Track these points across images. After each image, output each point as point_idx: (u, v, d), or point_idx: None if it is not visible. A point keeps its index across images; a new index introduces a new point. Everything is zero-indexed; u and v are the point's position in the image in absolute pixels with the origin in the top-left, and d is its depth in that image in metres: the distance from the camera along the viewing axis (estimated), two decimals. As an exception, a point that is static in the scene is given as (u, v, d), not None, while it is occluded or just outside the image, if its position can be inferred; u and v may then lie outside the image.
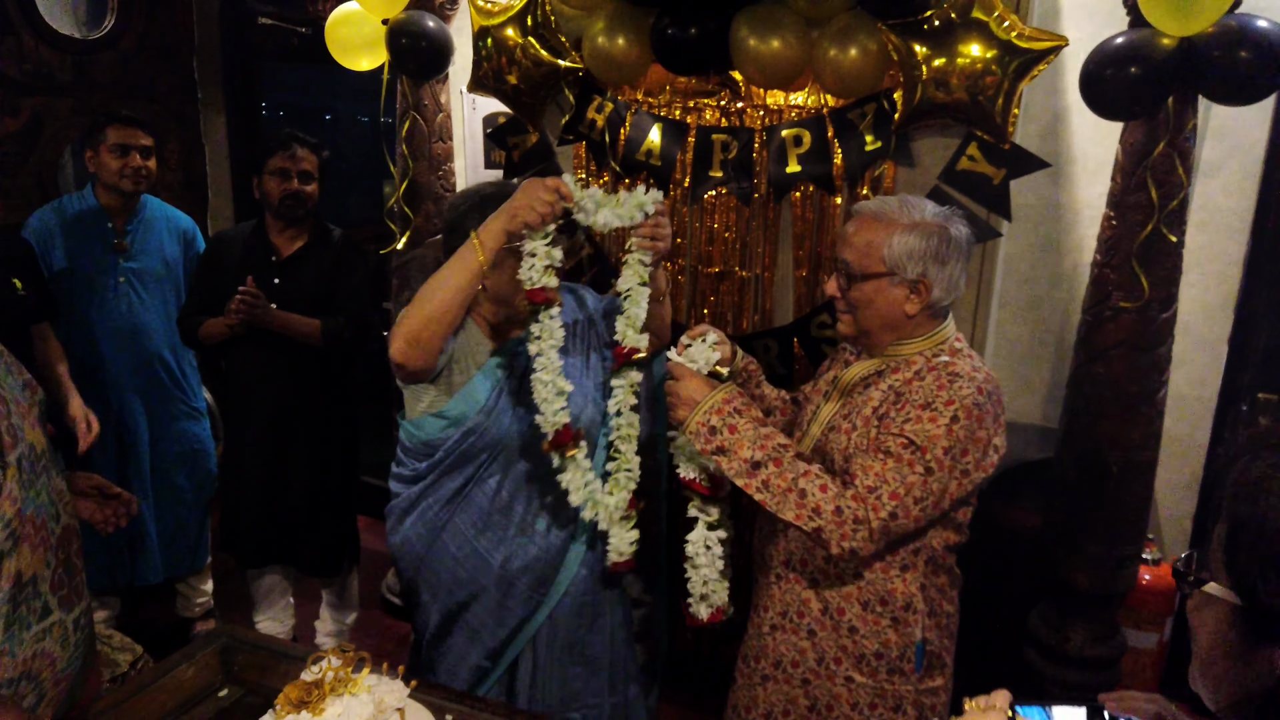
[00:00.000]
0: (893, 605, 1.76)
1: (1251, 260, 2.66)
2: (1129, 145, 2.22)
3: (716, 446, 1.67)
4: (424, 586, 2.08)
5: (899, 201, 1.74)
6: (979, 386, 1.65)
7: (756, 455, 1.64)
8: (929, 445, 1.61)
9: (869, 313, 1.75)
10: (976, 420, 1.63)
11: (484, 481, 2.02)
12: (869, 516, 1.60)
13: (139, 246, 3.09)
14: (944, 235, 1.69)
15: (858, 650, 1.78)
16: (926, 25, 2.21)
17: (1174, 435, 2.69)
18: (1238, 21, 2.00)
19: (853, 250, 1.74)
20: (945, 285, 1.71)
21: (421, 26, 2.78)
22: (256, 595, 3.16)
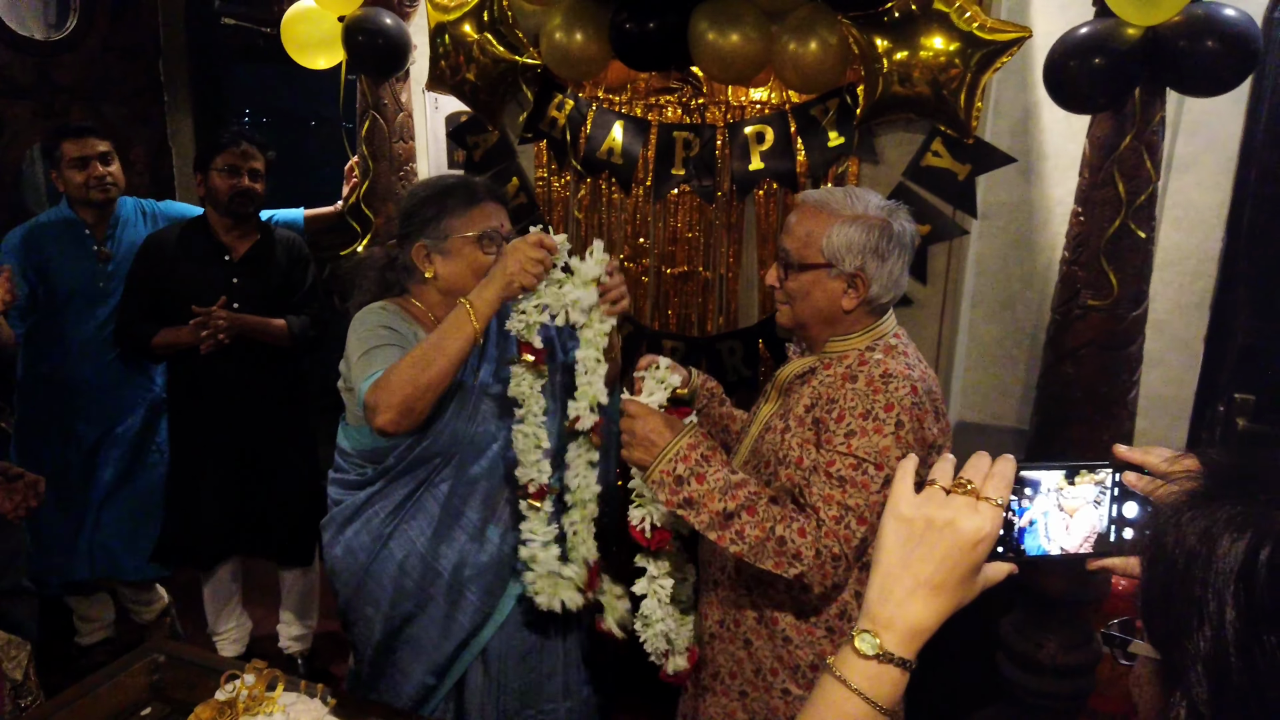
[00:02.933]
0: (826, 614, 1.70)
1: (1227, 257, 2.60)
2: (1096, 139, 2.16)
3: (684, 499, 1.59)
4: (366, 600, 2.00)
5: (844, 193, 1.70)
6: (913, 385, 1.59)
7: (729, 506, 1.56)
8: (883, 460, 1.55)
9: (805, 304, 1.70)
10: (919, 420, 1.58)
11: (436, 486, 1.95)
12: (844, 551, 1.55)
13: (123, 253, 3.02)
14: (885, 230, 1.64)
15: (793, 661, 1.72)
16: (887, 17, 2.16)
17: (1151, 436, 2.63)
18: (1204, 10, 1.95)
19: (793, 239, 1.69)
20: (884, 282, 1.65)
21: (378, 24, 2.72)
22: (212, 604, 3.10)
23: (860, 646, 0.82)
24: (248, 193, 2.84)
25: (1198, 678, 0.63)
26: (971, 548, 0.82)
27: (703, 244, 2.63)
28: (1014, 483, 0.87)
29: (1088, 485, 0.93)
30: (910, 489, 0.87)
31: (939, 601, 0.83)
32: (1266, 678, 0.60)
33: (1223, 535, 0.64)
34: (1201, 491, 0.69)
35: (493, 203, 1.99)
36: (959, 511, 0.83)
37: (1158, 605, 0.69)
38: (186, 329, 2.76)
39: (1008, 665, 2.46)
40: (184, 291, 2.78)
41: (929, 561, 0.82)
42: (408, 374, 1.72)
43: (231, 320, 2.77)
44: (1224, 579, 0.63)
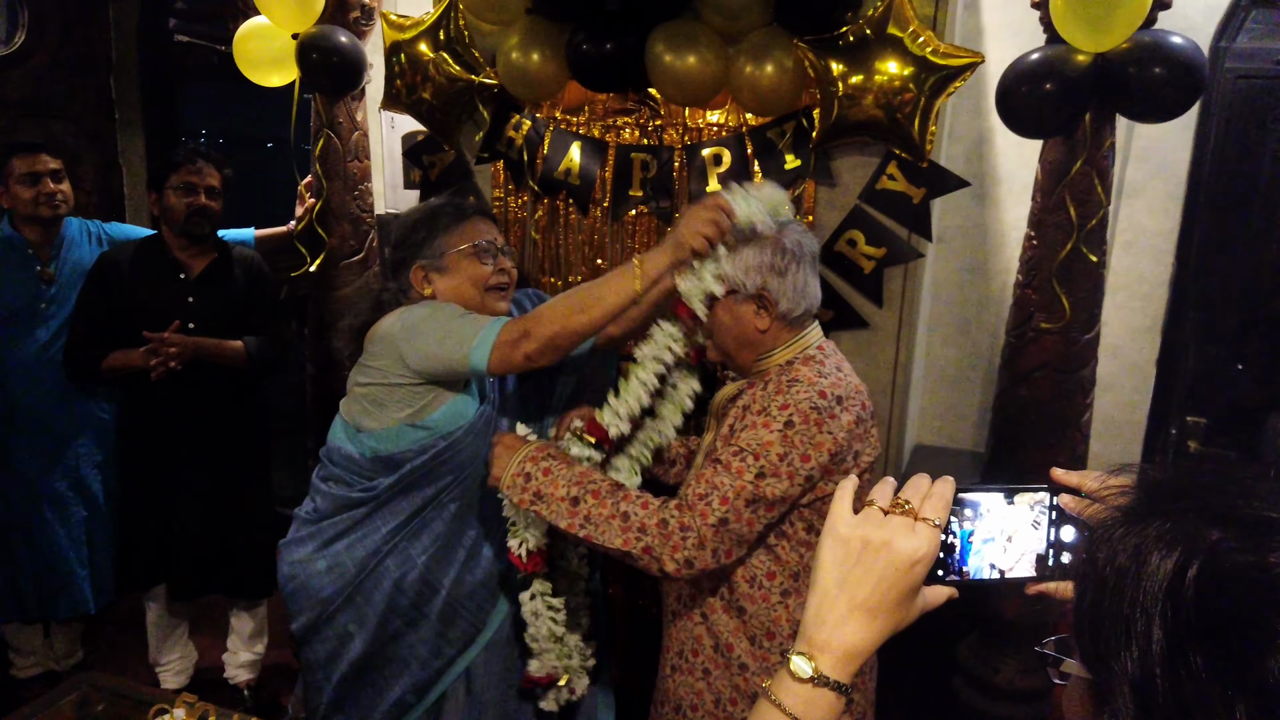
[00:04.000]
0: (779, 637, 1.70)
1: (1177, 282, 2.64)
2: (1048, 164, 2.18)
3: (533, 493, 1.65)
4: (350, 617, 1.95)
5: None
6: (820, 390, 1.61)
7: (573, 491, 1.63)
8: (762, 451, 1.58)
9: (723, 334, 1.74)
10: (815, 424, 1.59)
11: (444, 506, 1.94)
12: (696, 523, 1.57)
13: (67, 274, 2.93)
14: (778, 246, 1.68)
15: (750, 689, 1.71)
16: (842, 41, 2.16)
17: (1104, 459, 2.65)
18: (1152, 37, 1.98)
19: None
20: (791, 295, 1.69)
21: (333, 42, 2.68)
22: (156, 633, 3.00)
23: (795, 669, 0.81)
24: (204, 211, 2.79)
25: (1124, 699, 0.62)
26: (908, 568, 0.81)
27: (660, 266, 2.61)
28: (953, 504, 0.86)
29: (1027, 508, 0.92)
30: (848, 509, 0.86)
31: (876, 624, 0.82)
32: (1192, 699, 0.58)
33: (1152, 553, 0.63)
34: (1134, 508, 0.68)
35: (481, 217, 2.04)
36: (896, 532, 0.82)
37: (1088, 623, 0.68)
38: (138, 353, 2.69)
39: (965, 689, 2.45)
40: (138, 312, 2.71)
41: (865, 583, 0.81)
42: (562, 312, 1.74)
43: (185, 345, 2.70)
44: (1152, 597, 0.62)
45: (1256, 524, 0.61)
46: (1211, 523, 0.62)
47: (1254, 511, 0.62)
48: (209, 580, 2.90)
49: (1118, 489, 0.73)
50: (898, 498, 0.85)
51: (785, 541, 1.69)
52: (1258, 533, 0.61)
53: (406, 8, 2.81)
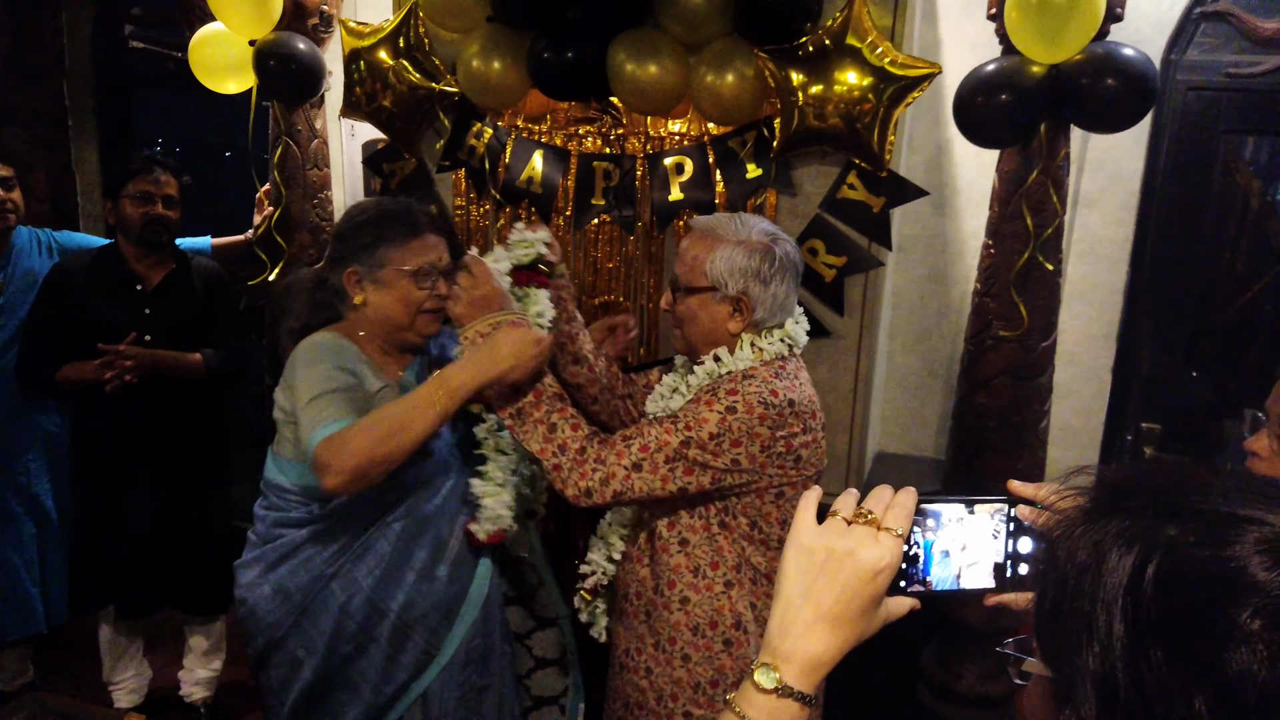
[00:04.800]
0: (723, 626, 1.72)
1: (1131, 290, 2.67)
2: (1005, 173, 2.21)
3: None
4: (298, 642, 1.89)
5: (730, 218, 1.75)
6: (772, 390, 1.63)
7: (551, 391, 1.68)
8: (696, 425, 1.61)
9: (693, 328, 1.75)
10: (758, 418, 1.61)
11: (388, 526, 1.87)
12: (610, 459, 1.61)
13: (16, 284, 2.86)
14: (768, 254, 1.69)
15: (692, 680, 1.74)
16: (802, 52, 2.18)
17: (1062, 465, 2.67)
18: (1104, 49, 2.01)
19: (682, 264, 1.75)
20: (768, 305, 1.70)
21: (291, 49, 2.66)
22: (110, 651, 2.93)
23: (760, 680, 0.81)
24: (161, 220, 2.73)
25: (1086, 695, 0.62)
26: (871, 578, 0.81)
27: (623, 274, 2.61)
28: (916, 514, 0.87)
29: (986, 518, 0.93)
30: (812, 519, 0.86)
31: (839, 634, 0.82)
32: (1153, 693, 0.59)
33: (1112, 550, 0.64)
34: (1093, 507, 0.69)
35: (434, 235, 1.90)
36: (859, 542, 0.82)
37: (1049, 621, 0.68)
38: (92, 365, 2.63)
39: (927, 696, 2.47)
40: (93, 324, 2.65)
41: (829, 593, 0.81)
42: (366, 443, 1.64)
43: (140, 357, 2.64)
44: (1112, 593, 0.62)
45: (1212, 520, 0.62)
46: (1168, 519, 0.63)
47: (1209, 508, 0.63)
48: (163, 597, 2.84)
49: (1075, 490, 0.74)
50: (860, 508, 0.85)
51: (728, 534, 1.72)
52: (1213, 528, 0.61)
53: (366, 15, 2.79)
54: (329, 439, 1.66)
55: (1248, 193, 2.60)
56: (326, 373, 1.77)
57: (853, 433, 2.43)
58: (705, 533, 1.71)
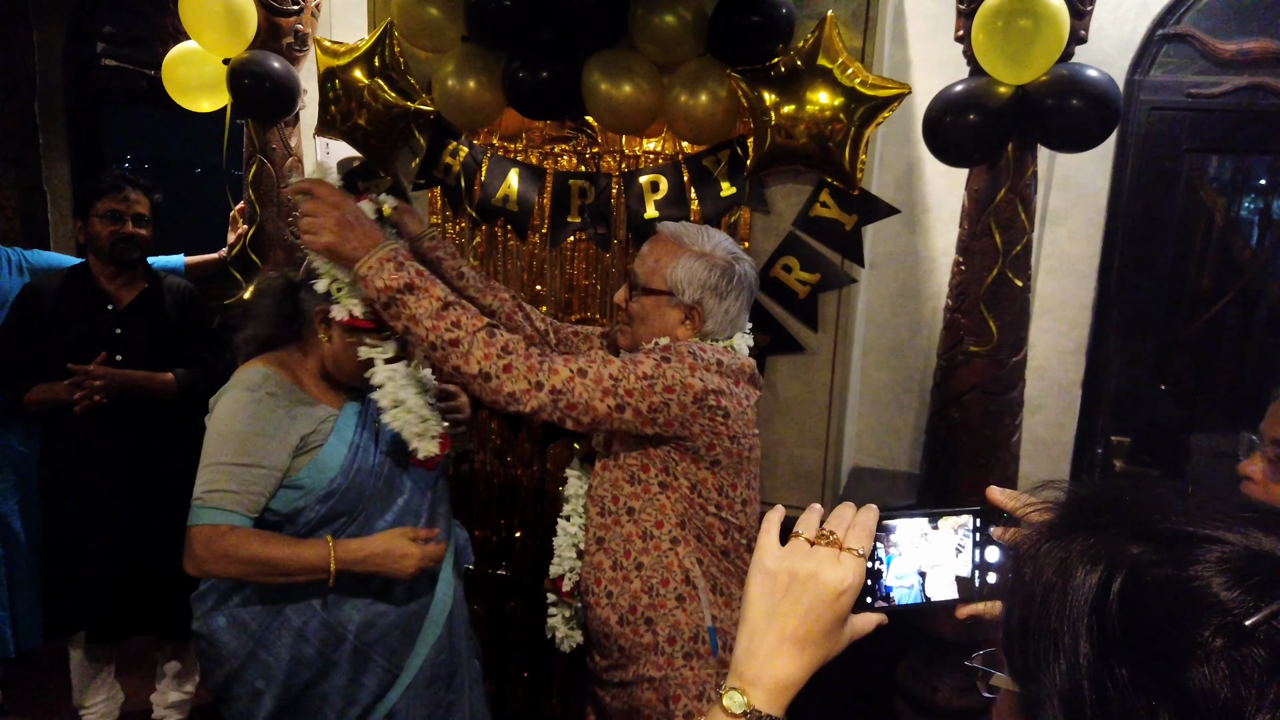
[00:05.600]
0: (674, 581, 1.77)
1: (1099, 306, 2.72)
2: (974, 191, 2.24)
3: (405, 283, 1.59)
4: (256, 673, 1.85)
5: (698, 230, 1.81)
6: (701, 348, 1.70)
7: (449, 297, 1.61)
8: (631, 364, 1.65)
9: (643, 326, 1.81)
10: (689, 368, 1.66)
11: None
12: (558, 364, 1.62)
13: None
14: (727, 271, 1.75)
15: (655, 641, 1.77)
16: (774, 72, 2.21)
17: (1034, 479, 2.70)
18: (1069, 71, 2.06)
19: (643, 264, 1.81)
20: (720, 319, 1.77)
21: (265, 67, 2.66)
22: (81, 674, 2.88)
23: (728, 705, 0.81)
24: (131, 239, 2.71)
25: (1053, 711, 0.63)
26: (835, 599, 0.83)
27: (599, 291, 2.62)
28: (878, 531, 0.88)
29: (951, 531, 0.94)
30: (775, 542, 0.87)
31: (805, 655, 0.83)
32: (1117, 710, 0.60)
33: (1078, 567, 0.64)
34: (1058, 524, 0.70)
35: None
36: (822, 563, 0.83)
37: (1016, 638, 0.69)
38: (62, 385, 2.60)
39: (904, 709, 2.48)
40: (64, 343, 2.63)
41: (793, 615, 0.83)
42: (242, 567, 1.73)
43: (110, 377, 2.62)
44: (1078, 611, 0.63)
45: (1175, 538, 0.63)
46: (1132, 537, 0.64)
47: (1172, 526, 0.64)
48: (133, 621, 2.80)
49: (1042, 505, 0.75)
50: (822, 529, 0.86)
51: (669, 494, 1.76)
52: (1176, 547, 0.62)
53: (341, 34, 2.80)
54: (215, 534, 1.73)
55: (1212, 209, 2.66)
56: (241, 442, 1.76)
57: (828, 448, 2.45)
58: (647, 495, 1.77)
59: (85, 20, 3.79)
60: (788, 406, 2.43)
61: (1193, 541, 0.63)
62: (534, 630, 2.84)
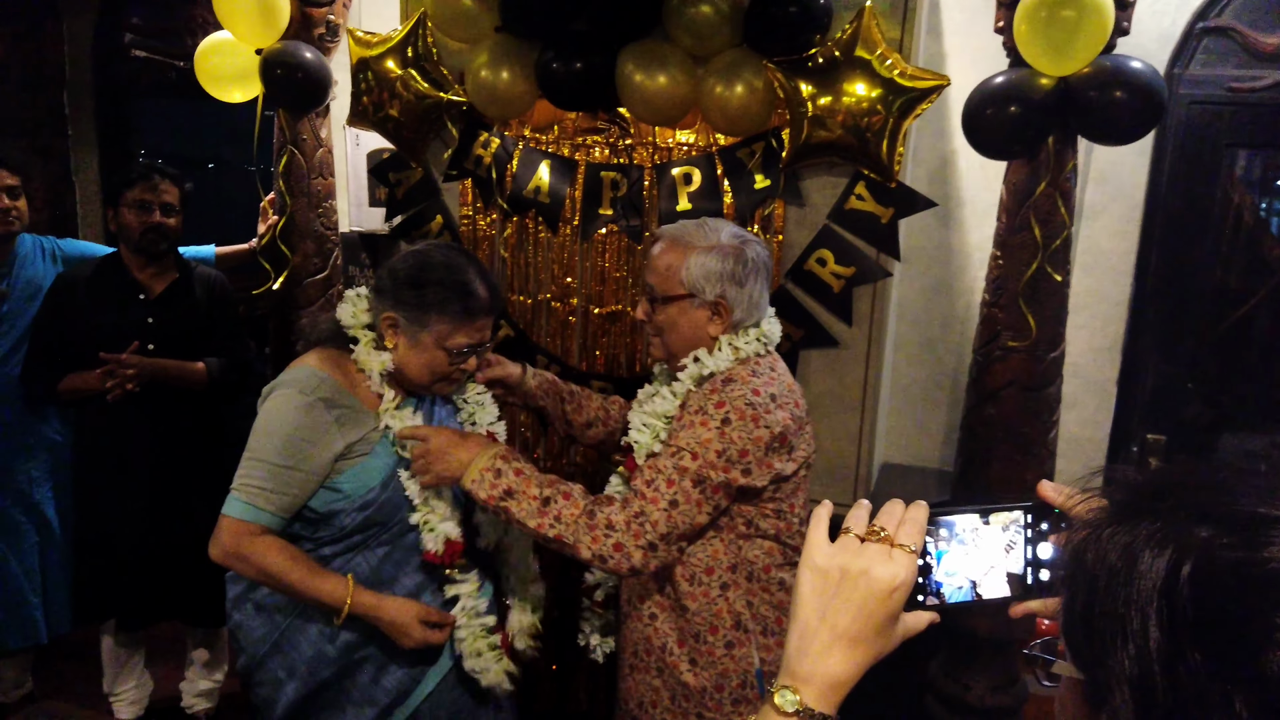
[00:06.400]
0: (723, 629, 1.74)
1: (1135, 302, 2.69)
2: (1012, 185, 2.22)
3: (504, 490, 1.66)
4: (279, 663, 1.86)
5: (697, 225, 1.79)
6: (753, 389, 1.68)
7: (545, 491, 1.65)
8: (700, 449, 1.64)
9: (674, 335, 1.79)
10: (752, 420, 1.65)
11: (371, 550, 1.84)
12: (650, 509, 1.62)
13: (20, 291, 2.84)
14: (740, 256, 1.73)
15: (699, 685, 1.75)
16: (811, 63, 2.19)
17: (1067, 476, 2.66)
18: (1112, 62, 2.02)
19: (655, 274, 1.78)
20: (745, 305, 1.75)
21: (298, 58, 2.65)
22: (112, 662, 2.89)
23: (780, 703, 0.80)
24: (159, 228, 2.73)
25: (1123, 698, 0.62)
26: (887, 596, 0.81)
27: (630, 284, 2.61)
28: (928, 527, 0.87)
29: (1003, 527, 0.92)
30: (824, 538, 0.86)
31: (857, 653, 0.82)
32: (1191, 695, 0.59)
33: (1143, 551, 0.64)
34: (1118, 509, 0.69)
35: (487, 319, 1.85)
36: (873, 560, 0.82)
37: (1079, 624, 0.68)
38: (95, 374, 2.62)
39: (935, 707, 2.46)
40: (96, 333, 2.65)
41: (845, 613, 0.81)
42: (261, 570, 1.76)
43: (142, 366, 2.64)
44: (1146, 596, 0.62)
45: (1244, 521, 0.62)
46: (1199, 521, 0.63)
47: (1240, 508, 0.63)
48: (163, 608, 2.81)
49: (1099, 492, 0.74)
50: (873, 525, 0.85)
51: (722, 535, 1.74)
52: (1247, 529, 0.61)
53: (372, 24, 2.79)
54: (244, 532, 1.76)
55: (1241, 207, 2.62)
56: (285, 443, 1.76)
57: (860, 443, 2.43)
58: (699, 538, 1.74)
59: (113, 11, 3.81)
60: (820, 401, 2.41)
61: (1265, 523, 0.61)
62: (561, 623, 2.83)
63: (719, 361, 1.74)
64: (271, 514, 1.76)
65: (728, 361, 1.74)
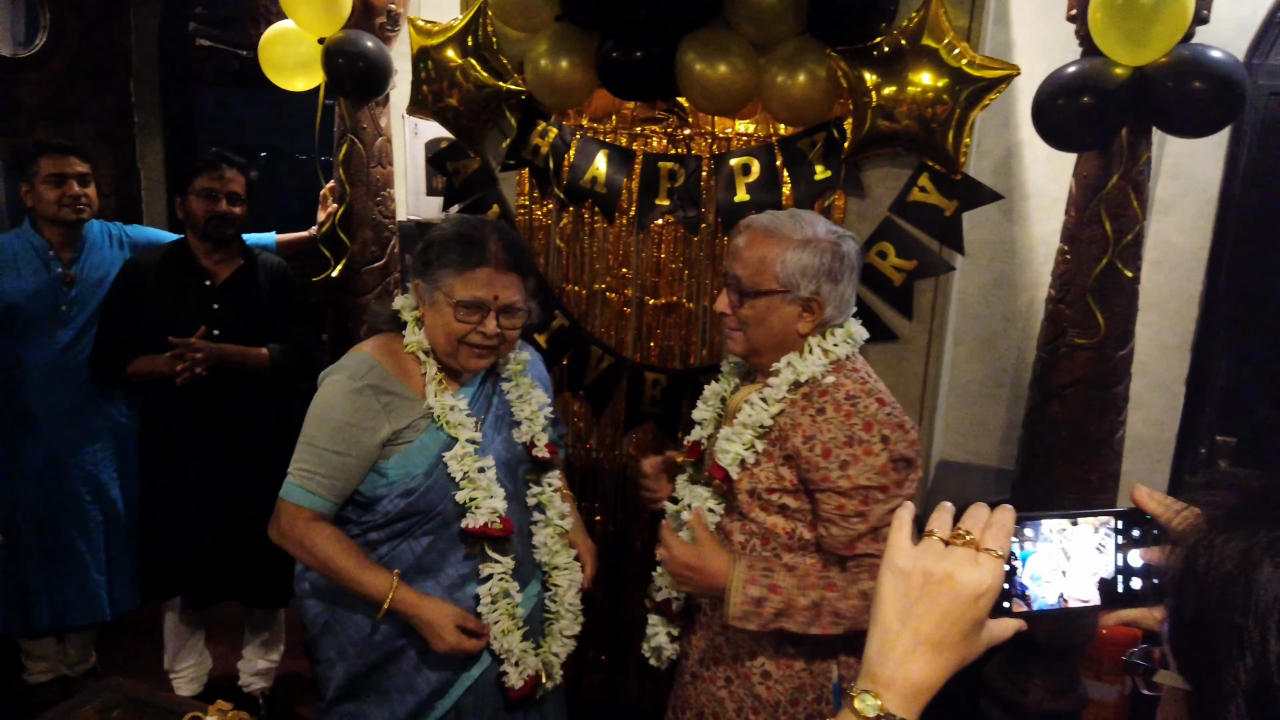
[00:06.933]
0: (807, 641, 1.66)
1: (1207, 300, 2.61)
2: (1083, 178, 2.16)
3: (773, 613, 1.57)
4: (330, 642, 1.89)
5: (790, 216, 1.71)
6: (877, 398, 1.64)
7: (811, 596, 1.57)
8: (879, 477, 1.58)
9: (761, 331, 1.70)
10: (899, 428, 1.61)
11: (416, 539, 1.85)
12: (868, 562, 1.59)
13: (88, 276, 2.92)
14: (837, 252, 1.66)
15: (772, 698, 1.69)
16: (876, 52, 2.15)
17: (1133, 478, 2.61)
18: (1191, 52, 1.96)
19: (744, 266, 1.69)
20: (837, 303, 1.68)
21: (360, 47, 2.67)
22: (174, 639, 2.97)
23: (860, 708, 0.78)
24: (225, 217, 2.78)
25: (1238, 711, 0.60)
26: (973, 602, 0.79)
27: (686, 275, 2.59)
28: (1014, 532, 0.84)
29: (1091, 534, 0.89)
30: (907, 541, 0.83)
31: (941, 659, 0.79)
32: None
33: (1264, 560, 0.61)
34: (1234, 515, 0.66)
35: (490, 270, 1.78)
36: (959, 564, 0.79)
37: (1190, 634, 0.66)
38: (163, 359, 2.68)
39: (992, 709, 2.41)
40: (163, 318, 2.70)
41: (929, 617, 0.79)
42: (312, 556, 1.80)
43: (210, 350, 2.69)
44: (1266, 607, 0.60)
45: None
46: None
47: None
48: (225, 588, 2.87)
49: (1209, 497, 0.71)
50: (957, 528, 0.82)
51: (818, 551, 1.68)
52: None
53: (433, 13, 2.80)
54: (300, 518, 1.81)
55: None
56: (335, 429, 1.78)
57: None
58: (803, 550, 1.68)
59: (179, 2, 3.87)
60: (878, 396, 2.37)
61: None
62: (611, 613, 2.83)
63: (812, 366, 1.67)
64: (323, 498, 1.79)
65: (820, 365, 1.67)
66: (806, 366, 1.67)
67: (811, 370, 1.67)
